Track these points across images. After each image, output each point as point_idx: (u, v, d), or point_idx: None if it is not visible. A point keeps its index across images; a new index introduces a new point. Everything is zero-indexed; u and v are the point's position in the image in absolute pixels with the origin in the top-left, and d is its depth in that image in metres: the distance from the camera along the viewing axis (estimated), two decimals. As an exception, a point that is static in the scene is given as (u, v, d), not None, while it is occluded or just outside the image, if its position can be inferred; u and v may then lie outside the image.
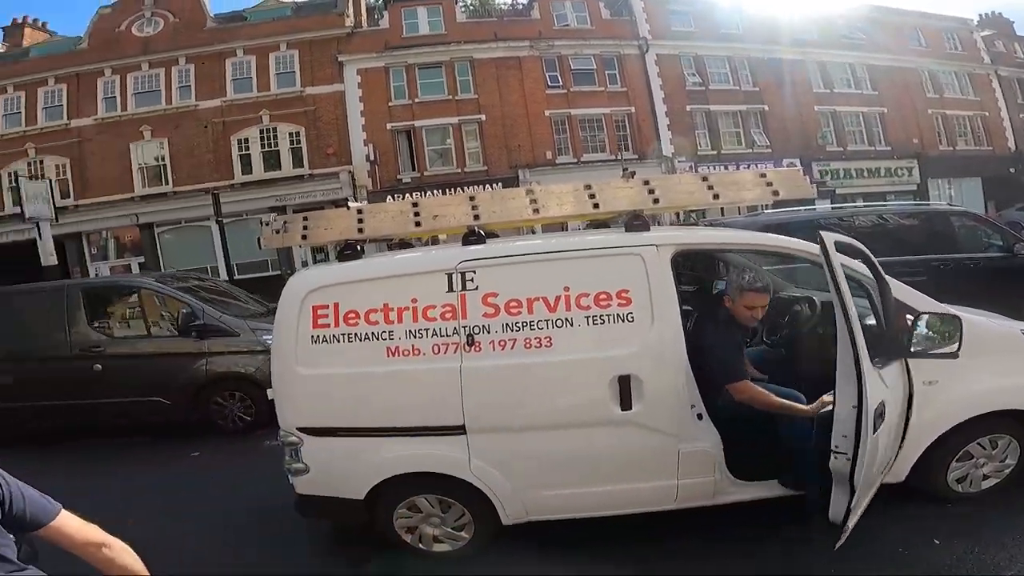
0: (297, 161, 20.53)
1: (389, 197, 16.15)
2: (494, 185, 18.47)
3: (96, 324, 6.14)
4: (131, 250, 21.00)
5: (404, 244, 3.60)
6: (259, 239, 3.44)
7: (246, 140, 20.41)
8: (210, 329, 5.73)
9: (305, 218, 3.22)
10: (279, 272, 17.43)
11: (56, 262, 12.94)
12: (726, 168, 18.98)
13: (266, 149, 20.34)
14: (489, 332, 2.81)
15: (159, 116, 20.65)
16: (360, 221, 3.13)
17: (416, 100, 21.36)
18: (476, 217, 3.01)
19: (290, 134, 20.47)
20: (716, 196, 3.02)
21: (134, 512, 3.96)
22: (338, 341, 2.89)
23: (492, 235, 3.30)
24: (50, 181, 15.29)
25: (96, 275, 18.91)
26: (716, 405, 2.90)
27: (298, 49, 20.88)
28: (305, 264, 17.92)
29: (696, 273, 4.22)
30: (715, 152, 22.87)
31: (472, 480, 2.89)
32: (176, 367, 5.81)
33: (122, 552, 1.70)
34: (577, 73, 22.31)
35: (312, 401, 2.98)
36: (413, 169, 21.34)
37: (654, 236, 2.94)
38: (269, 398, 3.22)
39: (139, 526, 3.65)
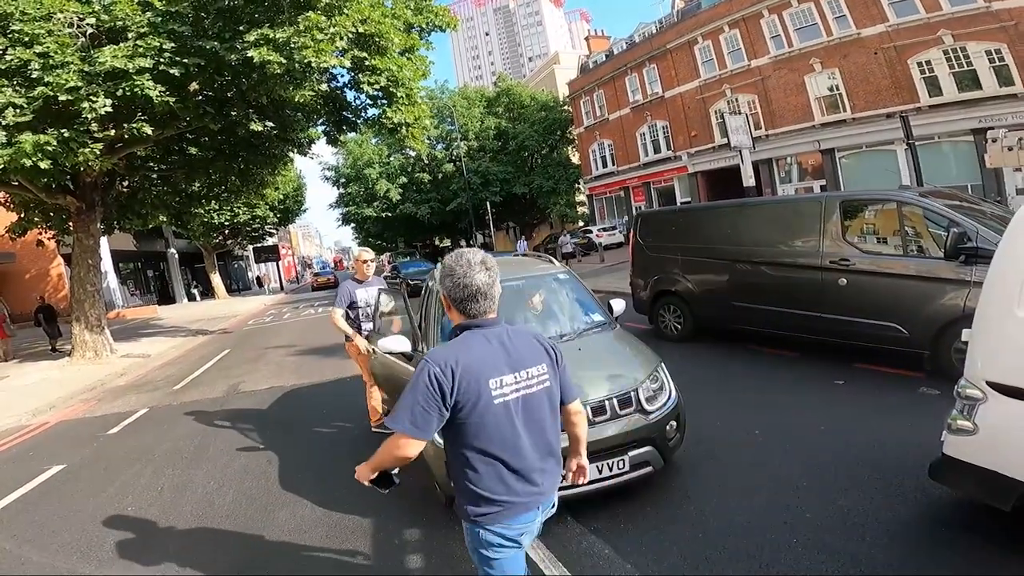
0: (1004, 80, 17.05)
1: None
2: None
3: (848, 237, 5.82)
4: (812, 174, 22.68)
5: None
6: (984, 157, 2.87)
7: (928, 62, 18.73)
8: (983, 255, 4.56)
9: (1052, 131, 2.44)
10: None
11: (754, 184, 15.49)
12: None
13: (956, 70, 18.09)
14: None
15: (824, 48, 21.17)
16: None
17: None
18: None
19: (987, 52, 17.31)
20: None
21: (758, 422, 4.46)
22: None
23: None
24: (746, 116, 18.38)
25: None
26: None
27: (963, -37, 16.77)
28: (1021, 191, 14.31)
29: None
30: None
31: None
32: (925, 294, 5.09)
33: None
34: None
35: None
36: None
37: None
38: (963, 339, 2.78)
39: (761, 440, 4.15)
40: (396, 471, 2.00)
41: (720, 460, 3.90)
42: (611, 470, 3.24)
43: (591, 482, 3.19)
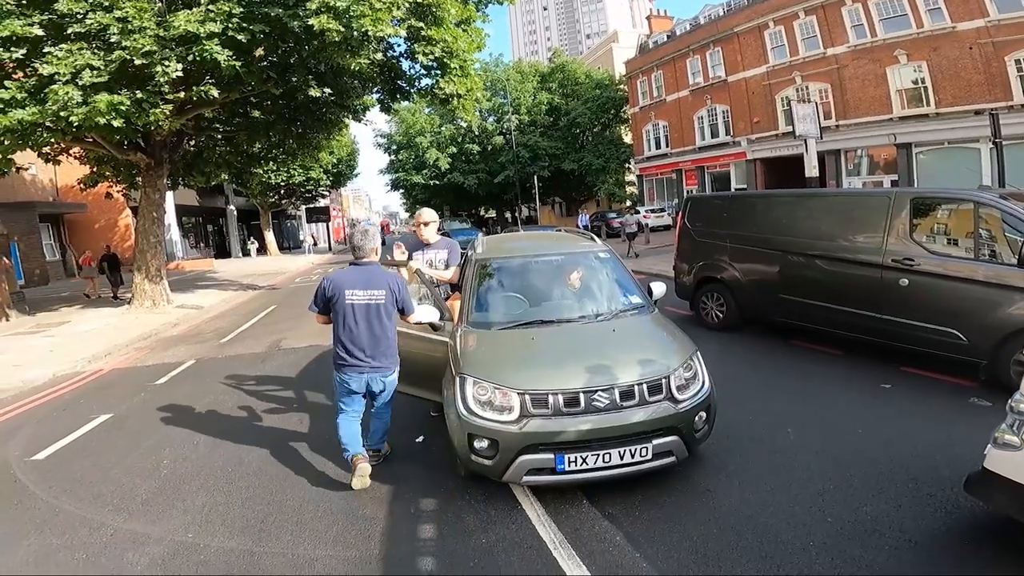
0: None
1: None
2: None
3: (915, 236, 5.50)
4: (883, 168, 21.55)
5: None
6: None
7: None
8: None
9: None
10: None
11: (817, 174, 14.80)
12: None
13: None
14: None
15: (911, 40, 20.02)
16: None
17: None
18: None
19: None
20: None
21: (793, 420, 4.33)
22: None
23: None
24: (815, 104, 17.48)
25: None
26: None
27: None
28: None
29: None
30: None
31: None
32: (991, 301, 4.81)
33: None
34: None
35: None
36: None
37: None
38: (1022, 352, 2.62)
39: (793, 438, 4.03)
40: None
41: (747, 456, 3.83)
42: (632, 457, 3.20)
43: (610, 467, 3.20)
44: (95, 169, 15.98)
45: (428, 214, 4.91)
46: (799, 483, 3.41)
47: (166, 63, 9.04)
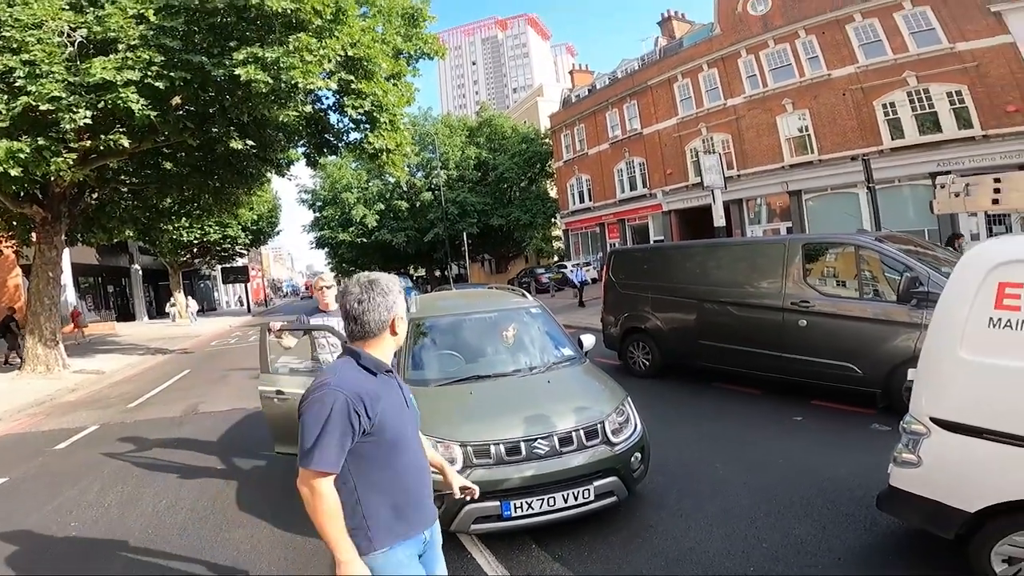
0: (963, 123, 17.77)
1: None
2: None
3: (808, 280, 6.08)
4: (780, 215, 23.29)
5: None
6: (931, 203, 3.11)
7: (892, 104, 19.22)
8: (933, 299, 4.97)
9: (997, 179, 2.68)
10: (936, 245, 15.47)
11: (724, 224, 15.95)
12: None
13: (918, 112, 18.71)
14: None
15: (796, 89, 21.69)
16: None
17: None
18: None
19: (948, 94, 18.01)
20: None
21: (720, 456, 4.60)
22: (1033, 331, 2.33)
23: None
24: (719, 155, 19.03)
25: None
26: None
27: (928, 5, 18.05)
28: (976, 238, 15.18)
29: None
30: None
31: None
32: (879, 336, 5.38)
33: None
34: None
35: (967, 393, 2.58)
36: None
37: None
38: (908, 379, 2.95)
39: (722, 472, 4.28)
40: None
41: (683, 491, 3.98)
42: (576, 499, 3.29)
43: (556, 510, 3.24)
44: (-17, 223, 14.50)
45: (325, 278, 4.60)
46: (732, 513, 3.59)
47: (74, 110, 8.54)
